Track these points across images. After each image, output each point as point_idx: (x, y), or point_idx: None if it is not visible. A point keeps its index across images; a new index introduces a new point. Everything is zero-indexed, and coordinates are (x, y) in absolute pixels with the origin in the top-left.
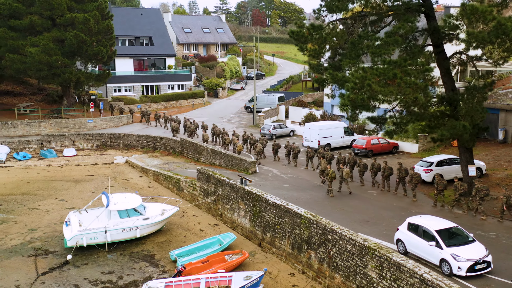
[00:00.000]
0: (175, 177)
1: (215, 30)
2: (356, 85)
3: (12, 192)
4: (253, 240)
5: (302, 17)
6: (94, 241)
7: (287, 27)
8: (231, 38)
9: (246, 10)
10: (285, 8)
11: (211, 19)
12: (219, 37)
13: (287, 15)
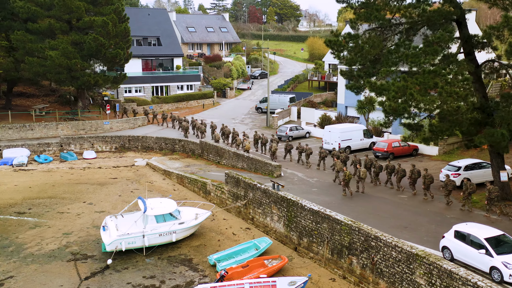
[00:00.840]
0: (201, 180)
1: (219, 29)
2: (397, 94)
3: (40, 196)
4: (288, 245)
5: (299, 13)
6: (132, 245)
7: (283, 24)
8: (234, 37)
9: (242, 7)
10: (281, 5)
11: (214, 18)
12: (223, 36)
13: (283, 12)
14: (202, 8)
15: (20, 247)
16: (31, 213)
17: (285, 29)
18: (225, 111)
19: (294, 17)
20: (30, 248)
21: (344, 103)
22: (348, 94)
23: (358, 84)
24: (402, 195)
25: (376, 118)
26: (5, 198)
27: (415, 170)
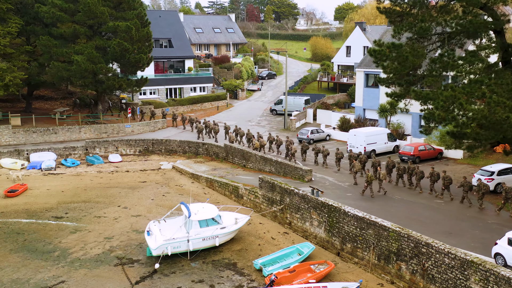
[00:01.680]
0: (232, 184)
1: (226, 30)
2: (445, 103)
3: (73, 200)
4: (329, 250)
5: (296, 12)
6: (177, 250)
7: (281, 23)
8: (241, 37)
9: (240, 5)
10: (279, 3)
11: (221, 19)
12: (229, 36)
13: (281, 11)
14: (199, 7)
15: (65, 251)
16: (69, 217)
17: (284, 27)
18: (239, 113)
19: (292, 16)
20: (75, 252)
21: (362, 106)
22: (366, 96)
23: (399, 92)
24: (438, 200)
25: (396, 121)
26: (40, 202)
27: (435, 173)
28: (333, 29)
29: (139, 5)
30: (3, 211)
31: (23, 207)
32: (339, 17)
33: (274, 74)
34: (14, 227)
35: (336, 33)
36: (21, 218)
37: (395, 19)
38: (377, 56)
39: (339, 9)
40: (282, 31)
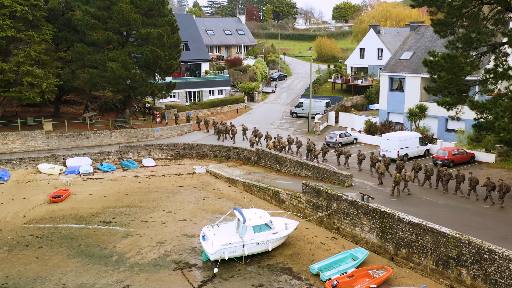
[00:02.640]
0: (272, 189)
1: (236, 31)
2: (504, 113)
3: (117, 205)
4: (382, 255)
5: (295, 11)
6: (233, 254)
7: (281, 22)
8: (251, 39)
9: (238, 4)
10: (278, 2)
11: (231, 21)
12: (240, 38)
13: (280, 10)
14: (197, 6)
15: (122, 256)
16: (117, 222)
17: (284, 27)
18: (259, 116)
19: (291, 15)
20: (132, 257)
21: (387, 109)
22: (390, 100)
23: (450, 101)
24: (483, 205)
25: (422, 125)
26: (86, 207)
27: (460, 174)
28: (332, 28)
29: (168, 11)
30: (51, 216)
31: (70, 212)
32: (337, 16)
33: (285, 76)
34: (66, 232)
35: (337, 33)
36: (70, 223)
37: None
38: (433, 66)
39: (337, 8)
40: (284, 31)
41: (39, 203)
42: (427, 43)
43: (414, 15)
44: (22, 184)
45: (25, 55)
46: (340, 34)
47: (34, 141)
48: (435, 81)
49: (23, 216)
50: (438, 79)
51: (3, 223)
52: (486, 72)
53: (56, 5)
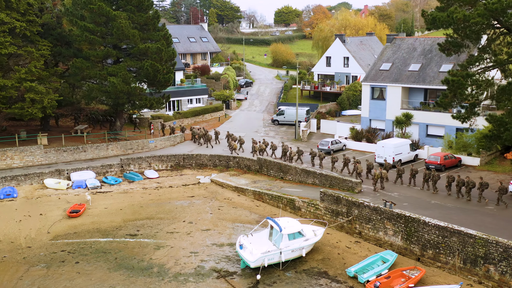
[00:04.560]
0: (286, 197)
1: (200, 39)
2: None
3: (137, 217)
4: (408, 256)
5: (239, 15)
6: (271, 261)
7: (227, 26)
8: (215, 46)
9: (181, 7)
10: (222, 6)
11: (194, 28)
12: (204, 46)
13: (224, 14)
14: None
15: (162, 267)
16: (143, 234)
17: (231, 31)
18: (241, 124)
19: (235, 19)
20: (172, 268)
21: (369, 116)
22: (372, 108)
23: (464, 114)
24: (488, 207)
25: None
26: (106, 221)
27: (464, 177)
28: (276, 33)
29: (162, 26)
30: (75, 232)
31: (92, 226)
32: (279, 20)
33: (250, 82)
34: (96, 247)
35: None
36: (97, 238)
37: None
38: (455, 84)
39: (278, 13)
40: (234, 35)
41: (57, 218)
42: (404, 54)
43: (371, 24)
44: (33, 200)
45: (26, 71)
46: (286, 38)
47: (33, 156)
48: (446, 96)
49: (47, 232)
50: (459, 96)
51: (29, 240)
52: (501, 89)
53: (49, 20)
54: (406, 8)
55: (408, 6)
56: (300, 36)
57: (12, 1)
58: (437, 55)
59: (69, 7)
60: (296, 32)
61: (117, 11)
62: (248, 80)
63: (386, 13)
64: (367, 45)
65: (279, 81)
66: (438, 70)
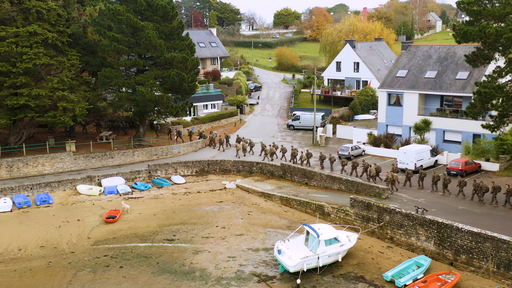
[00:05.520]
0: (315, 203)
1: (209, 44)
2: None
3: (171, 223)
4: (441, 261)
5: (239, 17)
6: (310, 266)
7: (227, 29)
8: (224, 51)
9: (181, 9)
10: (222, 9)
11: (203, 33)
12: (214, 51)
13: (224, 16)
14: None
15: (203, 271)
16: (179, 239)
17: (230, 33)
18: (257, 129)
19: (236, 21)
20: (214, 272)
21: (385, 122)
22: (389, 114)
23: (494, 124)
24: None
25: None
26: (142, 226)
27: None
28: (277, 35)
29: (186, 35)
30: (114, 237)
31: (130, 231)
32: (279, 22)
33: (260, 87)
34: (137, 251)
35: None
36: (136, 243)
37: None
38: (487, 96)
39: (278, 15)
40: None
41: (95, 224)
42: (419, 61)
43: (378, 29)
44: (68, 206)
45: (58, 80)
46: (288, 41)
47: (63, 163)
48: (475, 106)
49: (87, 237)
50: (491, 107)
51: (71, 245)
52: None
53: (77, 30)
54: (405, 10)
55: (408, 8)
56: (301, 38)
57: (44, 12)
58: (453, 63)
59: (96, 17)
60: (296, 34)
61: (144, 22)
62: (257, 84)
63: (386, 15)
64: (376, 50)
65: (286, 84)
66: (454, 78)
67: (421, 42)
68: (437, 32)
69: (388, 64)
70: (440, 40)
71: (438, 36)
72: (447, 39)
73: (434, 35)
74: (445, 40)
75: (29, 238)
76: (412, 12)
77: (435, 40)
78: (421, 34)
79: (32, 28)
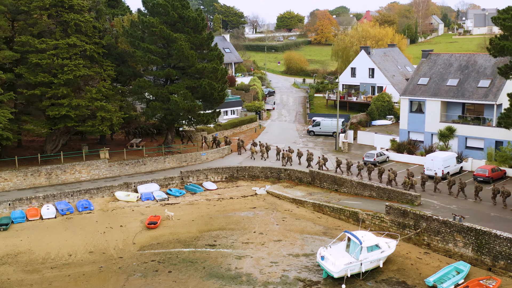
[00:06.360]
0: (349, 209)
1: (223, 49)
2: None
3: (210, 228)
4: (479, 266)
5: (243, 21)
6: (353, 271)
7: (232, 32)
8: (237, 57)
9: None
10: (226, 12)
11: (217, 39)
12: (227, 56)
13: (229, 19)
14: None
15: (249, 276)
16: (221, 244)
17: (235, 36)
18: (277, 135)
19: (239, 24)
20: (259, 277)
21: (407, 129)
22: (411, 121)
23: None
24: None
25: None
26: (182, 231)
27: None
28: (280, 38)
29: (215, 45)
30: (158, 242)
31: (172, 237)
32: (282, 25)
33: (273, 92)
34: (182, 256)
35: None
36: (180, 248)
37: None
38: None
39: (281, 18)
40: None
41: (137, 230)
42: (440, 69)
43: (390, 34)
44: (109, 213)
45: (96, 91)
46: (293, 44)
47: (98, 170)
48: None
49: (132, 243)
50: None
51: (118, 250)
52: None
53: (110, 40)
54: (408, 14)
55: (411, 12)
56: (306, 42)
57: (81, 25)
58: (474, 71)
59: (128, 28)
60: (300, 37)
61: (176, 33)
62: (270, 89)
63: (389, 19)
64: (390, 56)
65: (297, 89)
66: (476, 86)
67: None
68: (440, 35)
69: (402, 70)
70: (444, 43)
71: (441, 39)
72: (451, 42)
73: (437, 38)
74: (449, 43)
75: (76, 243)
76: (416, 16)
77: (439, 44)
78: (425, 37)
79: (71, 40)
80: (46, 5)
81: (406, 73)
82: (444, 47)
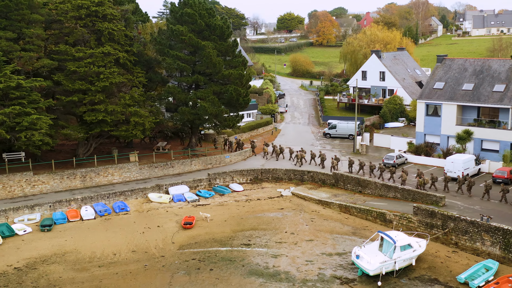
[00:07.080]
0: (376, 210)
1: None
2: None
3: (243, 228)
4: (506, 264)
5: (245, 22)
6: (387, 269)
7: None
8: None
9: None
10: (228, 14)
11: None
12: None
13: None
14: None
15: (287, 274)
16: (256, 244)
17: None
18: (293, 137)
19: (241, 26)
20: (297, 275)
21: (424, 131)
22: (427, 123)
23: None
24: None
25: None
26: (217, 231)
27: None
28: (282, 39)
29: (239, 52)
30: (196, 242)
31: (208, 236)
32: (282, 26)
33: (283, 94)
34: (221, 255)
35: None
36: (217, 247)
37: None
38: None
39: (281, 19)
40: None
41: (174, 230)
42: (455, 74)
43: (398, 38)
44: (145, 213)
45: (129, 97)
46: (295, 46)
47: (129, 172)
48: None
49: (171, 242)
50: None
51: (159, 249)
52: None
53: (140, 48)
54: (408, 15)
55: (411, 13)
56: (307, 43)
57: (114, 34)
58: (489, 76)
59: (156, 36)
60: (301, 38)
61: (204, 41)
62: (280, 92)
63: (390, 21)
64: (400, 60)
65: (306, 91)
66: (491, 90)
67: (426, 47)
68: (439, 36)
69: (412, 73)
70: (445, 45)
71: (441, 40)
72: (451, 44)
73: (437, 40)
74: (450, 44)
75: (119, 243)
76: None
77: (439, 45)
78: (425, 38)
79: (106, 49)
80: (82, 15)
81: (415, 76)
82: (445, 48)
